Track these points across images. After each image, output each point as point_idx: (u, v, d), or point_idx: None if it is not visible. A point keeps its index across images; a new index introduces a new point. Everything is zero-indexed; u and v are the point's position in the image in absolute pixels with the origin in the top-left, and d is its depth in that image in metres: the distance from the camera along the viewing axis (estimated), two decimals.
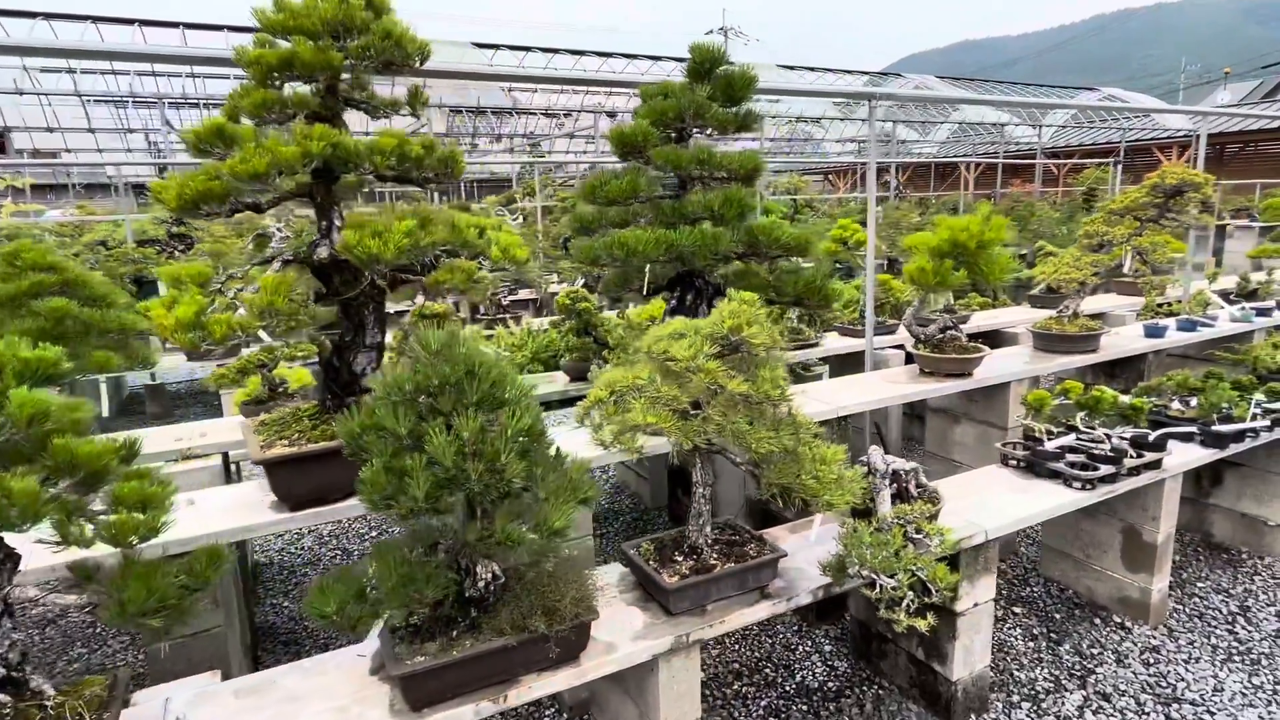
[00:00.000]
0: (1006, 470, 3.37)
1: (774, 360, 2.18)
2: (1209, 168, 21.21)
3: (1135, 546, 3.52)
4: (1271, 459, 4.04)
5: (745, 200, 2.76)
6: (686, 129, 3.04)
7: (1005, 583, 3.96)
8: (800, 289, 2.97)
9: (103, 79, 14.87)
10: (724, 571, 2.26)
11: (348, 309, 2.60)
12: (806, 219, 13.33)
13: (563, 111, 20.54)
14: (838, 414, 3.45)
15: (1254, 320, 5.20)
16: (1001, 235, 3.61)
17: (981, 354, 3.89)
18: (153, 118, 14.79)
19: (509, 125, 23.28)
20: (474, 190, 23.88)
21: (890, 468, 2.52)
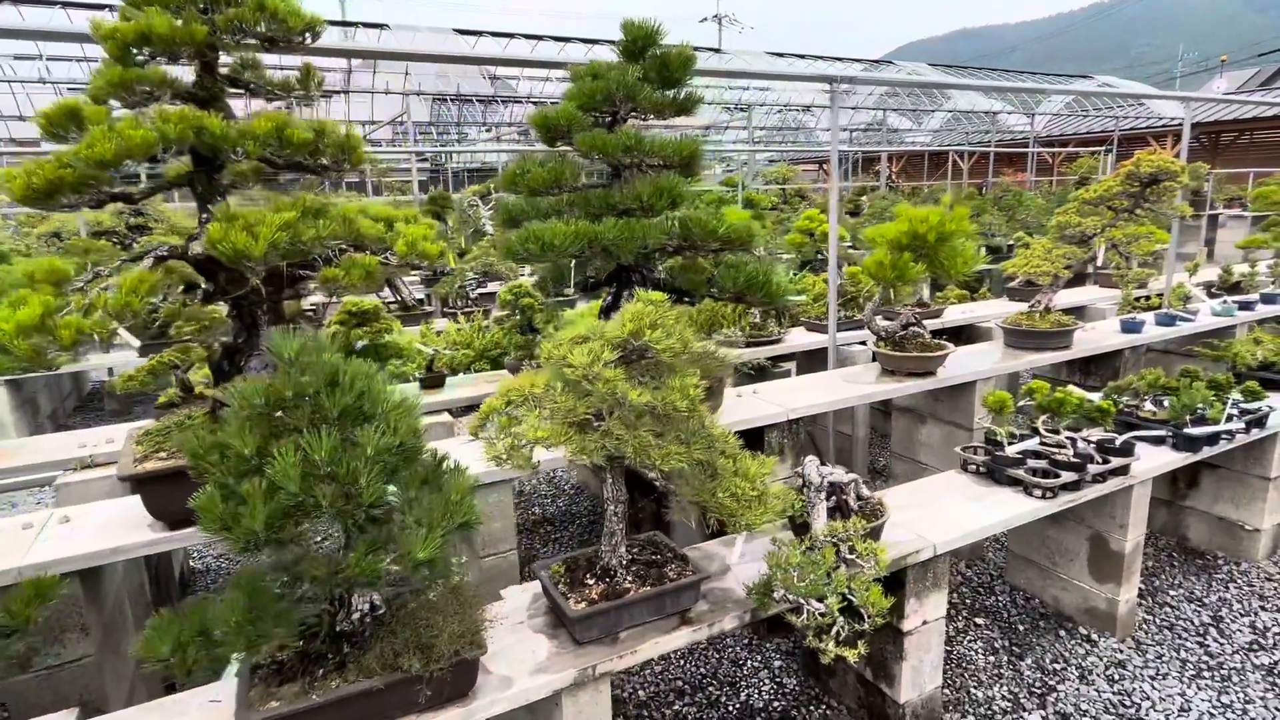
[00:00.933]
0: (965, 476, 3.18)
1: (686, 367, 1.98)
2: (1203, 156, 21.09)
3: (1102, 555, 3.34)
4: (1249, 461, 3.86)
5: (677, 189, 2.55)
6: (619, 113, 2.83)
7: (970, 590, 3.78)
8: (741, 284, 2.77)
9: (77, 66, 14.59)
10: (638, 596, 2.07)
11: (239, 308, 2.39)
12: (796, 208, 13.10)
13: (549, 100, 20.25)
14: (789, 416, 3.26)
15: (1236, 314, 5.01)
16: (964, 227, 3.41)
17: (945, 351, 3.69)
18: None
19: (497, 114, 22.97)
20: (464, 179, 23.57)
21: (826, 480, 2.33)
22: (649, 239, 2.50)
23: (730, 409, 3.26)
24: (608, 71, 2.65)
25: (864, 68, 23.67)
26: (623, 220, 2.48)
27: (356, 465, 1.56)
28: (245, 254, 1.88)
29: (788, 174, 18.27)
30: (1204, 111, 26.85)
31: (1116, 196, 3.99)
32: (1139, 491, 3.20)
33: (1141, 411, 3.53)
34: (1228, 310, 4.99)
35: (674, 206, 2.59)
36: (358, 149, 2.33)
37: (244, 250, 1.87)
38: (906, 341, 3.71)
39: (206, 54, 2.05)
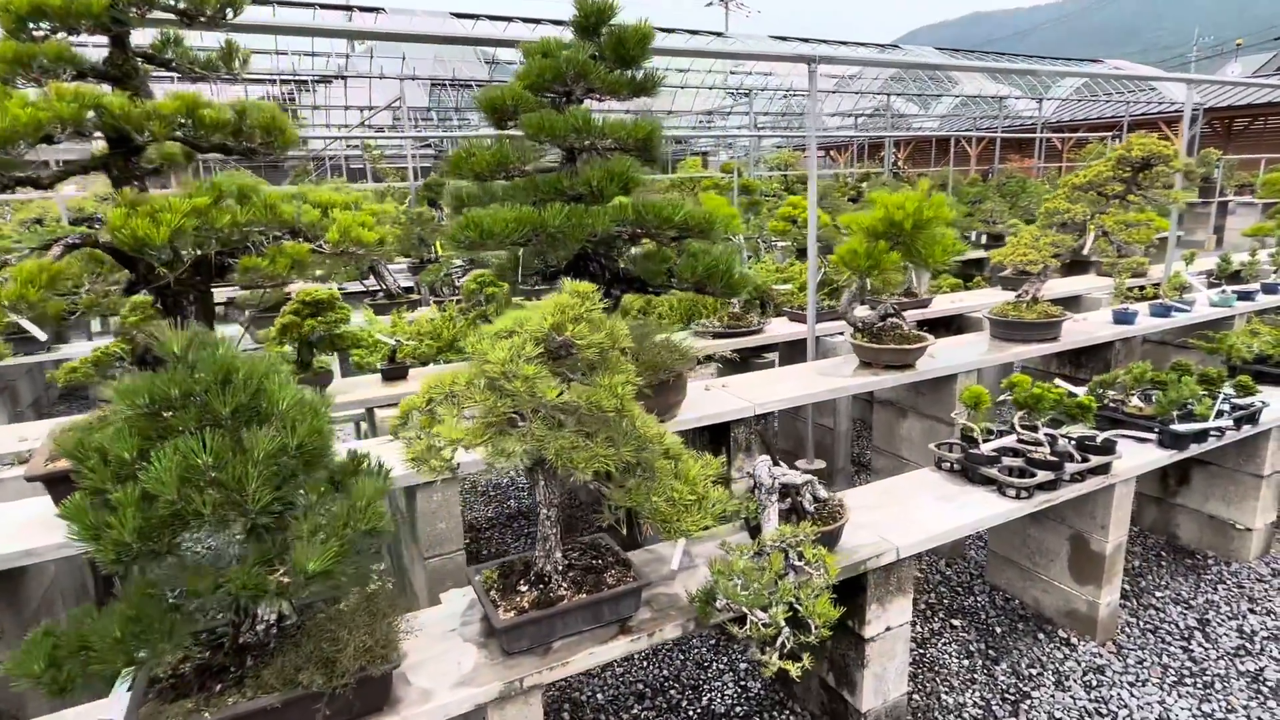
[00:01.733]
0: (939, 474, 3.05)
1: (618, 362, 1.85)
2: (1216, 142, 20.71)
3: (1083, 556, 3.21)
4: (1241, 458, 3.71)
5: (629, 174, 2.42)
6: (574, 93, 2.69)
7: (949, 590, 3.66)
8: (700, 274, 2.64)
9: None
10: (572, 605, 1.96)
11: (163, 298, 2.28)
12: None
13: None
14: (755, 411, 3.13)
15: (1234, 304, 4.84)
16: (942, 214, 3.27)
17: (924, 343, 3.55)
18: None
19: None
20: None
21: (778, 481, 2.21)
22: (597, 226, 2.37)
23: (696, 403, 3.13)
24: (558, 49, 2.51)
25: (876, 51, 23.31)
26: (568, 206, 2.35)
27: (244, 470, 1.45)
28: (146, 242, 1.76)
29: (789, 159, 18.03)
30: (1216, 96, 26.38)
31: (1107, 182, 3.83)
32: (1121, 491, 3.07)
33: (1127, 407, 3.39)
34: (1226, 300, 4.82)
35: (626, 192, 2.45)
36: (286, 131, 2.21)
37: (145, 238, 1.76)
38: (884, 333, 3.58)
39: (112, 28, 1.93)
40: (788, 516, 2.30)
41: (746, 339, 4.41)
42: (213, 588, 1.43)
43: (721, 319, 4.49)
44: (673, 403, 2.88)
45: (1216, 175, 16.10)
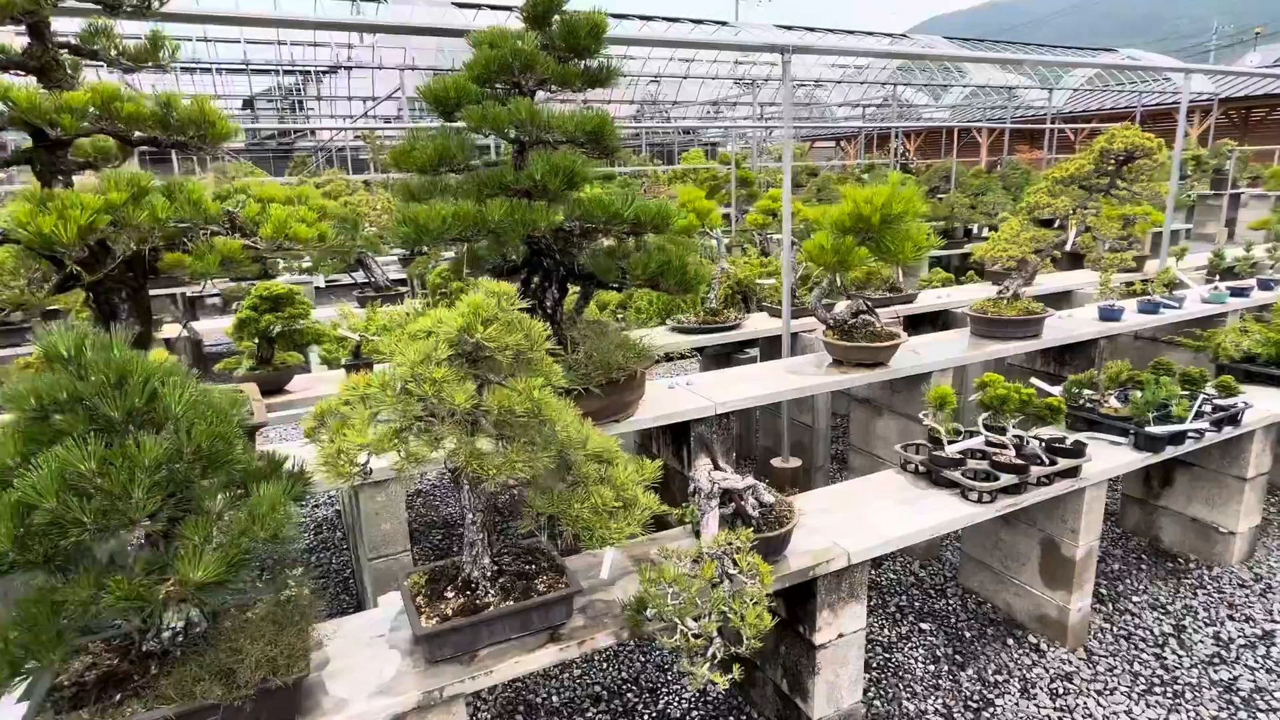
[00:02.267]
0: (904, 476, 2.98)
1: (542, 365, 1.79)
2: (1232, 133, 20.29)
3: (1054, 561, 3.13)
4: (1225, 460, 3.62)
5: (575, 168, 2.35)
6: (524, 85, 2.62)
7: (920, 593, 3.59)
8: (652, 270, 2.57)
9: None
10: (498, 612, 1.91)
11: (95, 295, 2.23)
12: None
13: None
14: (716, 410, 3.06)
15: (1227, 301, 4.72)
16: (914, 208, 3.18)
17: (896, 341, 3.47)
18: None
19: None
20: None
21: (719, 486, 2.14)
22: (540, 222, 2.30)
23: (654, 402, 3.07)
24: (503, 40, 2.44)
25: (890, 42, 23.03)
26: (510, 202, 2.29)
27: (129, 476, 1.40)
28: (54, 240, 1.71)
29: (797, 151, 17.81)
30: (1233, 86, 25.92)
31: (1089, 175, 3.72)
32: (1092, 495, 2.98)
33: (1103, 407, 3.30)
34: (1218, 297, 4.69)
35: (573, 186, 2.38)
36: (217, 124, 2.15)
37: (52, 236, 1.71)
38: (855, 330, 3.50)
39: (24, 18, 1.88)
40: (732, 522, 2.24)
41: (723, 335, 4.34)
42: (88, 599, 1.39)
43: (698, 315, 4.42)
44: (628, 402, 2.82)
45: (1229, 167, 15.80)
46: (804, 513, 2.65)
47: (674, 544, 2.20)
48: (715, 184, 11.06)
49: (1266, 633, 3.22)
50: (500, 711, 2.89)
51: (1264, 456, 3.59)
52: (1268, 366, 3.89)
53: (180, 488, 1.50)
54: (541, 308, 2.78)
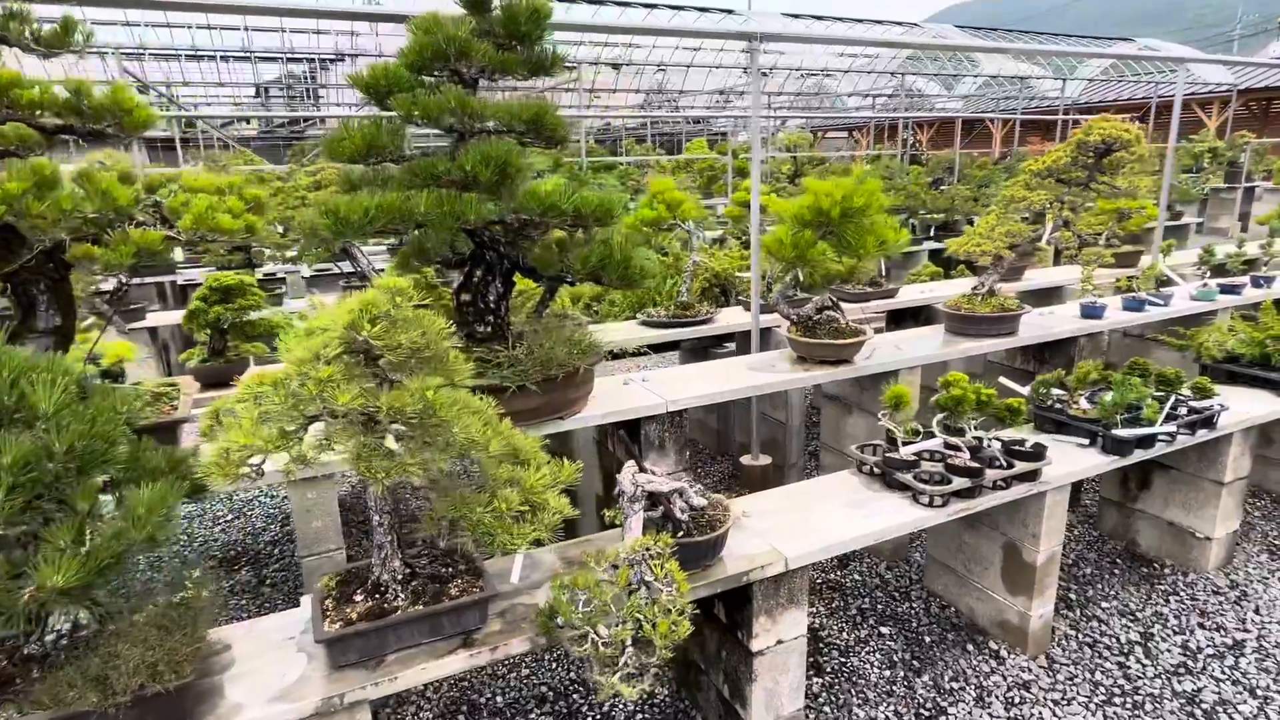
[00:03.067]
0: (858, 478, 2.90)
1: (446, 363, 1.73)
2: (1251, 125, 19.81)
3: (1015, 566, 3.05)
4: (1202, 463, 3.51)
5: (507, 158, 2.28)
6: (465, 73, 2.55)
7: (884, 595, 3.52)
8: (593, 264, 2.50)
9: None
10: (406, 617, 1.86)
11: (12, 287, 2.19)
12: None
13: None
14: (669, 407, 2.99)
15: (1217, 299, 4.58)
16: (877, 201, 3.08)
17: (862, 338, 3.38)
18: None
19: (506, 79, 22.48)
20: None
21: (643, 489, 2.07)
22: (470, 215, 2.23)
23: (605, 399, 3.00)
24: (438, 26, 2.36)
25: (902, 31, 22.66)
26: (435, 193, 2.22)
27: None
28: None
29: (800, 141, 17.62)
30: (1254, 76, 25.40)
31: (1067, 168, 3.60)
32: (1053, 499, 2.89)
33: (1072, 408, 3.20)
34: (1206, 294, 4.55)
35: (506, 178, 2.31)
36: (134, 111, 2.10)
37: None
38: (818, 327, 3.41)
39: None
40: (662, 526, 2.18)
41: (694, 330, 4.26)
42: None
43: (668, 309, 4.34)
44: (573, 399, 2.75)
45: (1243, 160, 15.46)
46: (748, 515, 2.59)
47: (611, 547, 2.14)
48: (714, 174, 10.94)
49: (1236, 642, 3.13)
50: (443, 711, 2.85)
51: (1242, 460, 3.48)
52: (1251, 367, 3.77)
53: (51, 489, 1.45)
54: (483, 302, 2.72)
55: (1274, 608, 3.34)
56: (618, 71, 24.49)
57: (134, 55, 15.77)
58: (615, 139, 23.70)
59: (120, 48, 11.86)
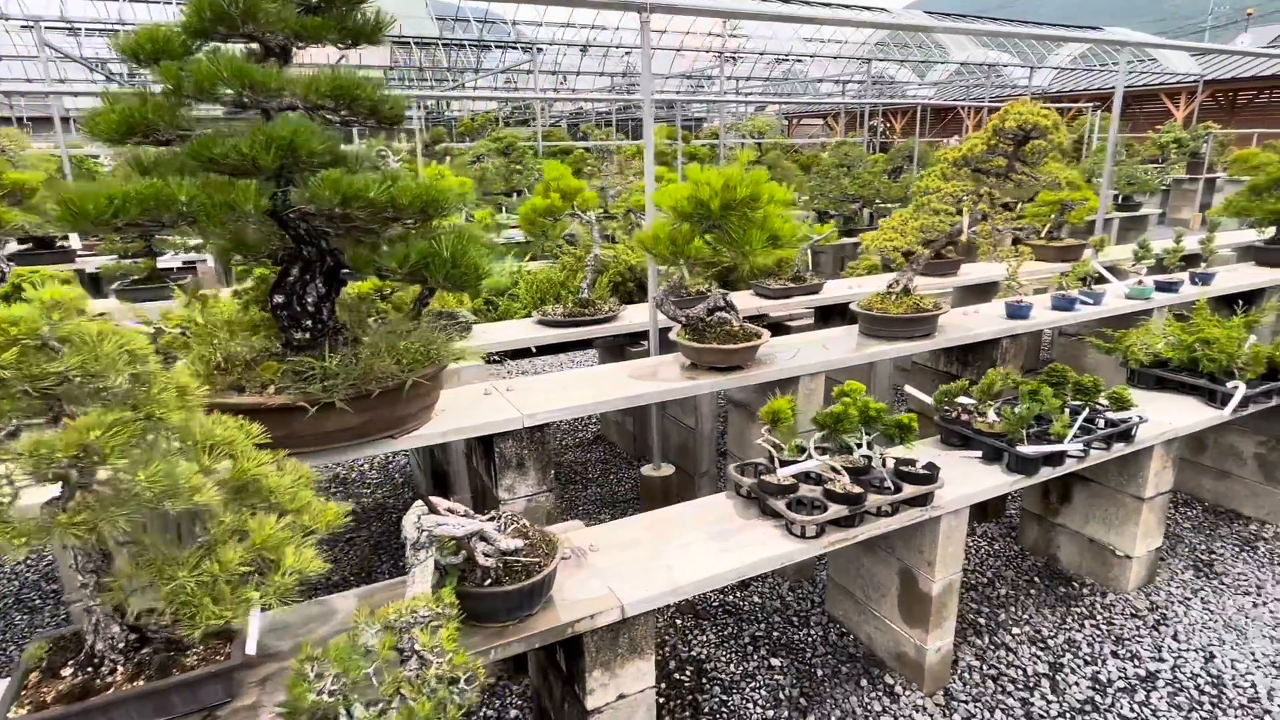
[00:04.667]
0: (734, 502, 2.61)
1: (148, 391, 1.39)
2: (1219, 116, 19.76)
3: (911, 595, 2.78)
4: (1123, 477, 3.26)
5: (298, 139, 1.94)
6: (262, 39, 2.20)
7: (782, 620, 3.24)
8: (414, 262, 2.17)
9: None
10: (117, 696, 1.53)
11: None
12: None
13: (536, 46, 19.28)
14: (526, 422, 2.67)
15: (1152, 296, 4.34)
16: (767, 192, 2.77)
17: (754, 343, 3.08)
18: None
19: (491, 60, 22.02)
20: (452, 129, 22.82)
21: (429, 534, 1.75)
22: (245, 205, 1.89)
23: (457, 412, 2.68)
24: None
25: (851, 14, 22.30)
26: (200, 180, 1.87)
27: None
28: None
29: (764, 127, 17.28)
30: (1222, 67, 25.50)
31: (984, 157, 3.31)
32: (949, 524, 2.62)
33: (978, 421, 2.92)
34: (1140, 292, 4.31)
35: (295, 162, 1.97)
36: None
37: None
38: (708, 330, 3.10)
39: None
40: (465, 576, 1.86)
41: (593, 329, 3.93)
42: None
43: (567, 307, 4.01)
44: (404, 416, 2.42)
45: (1205, 150, 15.39)
46: (595, 549, 2.28)
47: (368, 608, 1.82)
48: (664, 159, 10.58)
49: (1149, 674, 2.89)
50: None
51: (1164, 475, 3.23)
52: (1179, 373, 3.53)
53: None
54: (300, 304, 2.37)
55: (1193, 633, 3.11)
56: (584, 54, 24.00)
57: (56, 27, 15.02)
58: (583, 124, 23.22)
59: (40, 19, 11.21)
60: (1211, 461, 4.18)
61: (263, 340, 2.48)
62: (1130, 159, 13.20)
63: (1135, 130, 21.26)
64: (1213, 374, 3.39)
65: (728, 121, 18.21)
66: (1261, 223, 5.24)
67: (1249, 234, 6.02)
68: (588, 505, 4.31)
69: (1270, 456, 3.91)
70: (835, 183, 9.56)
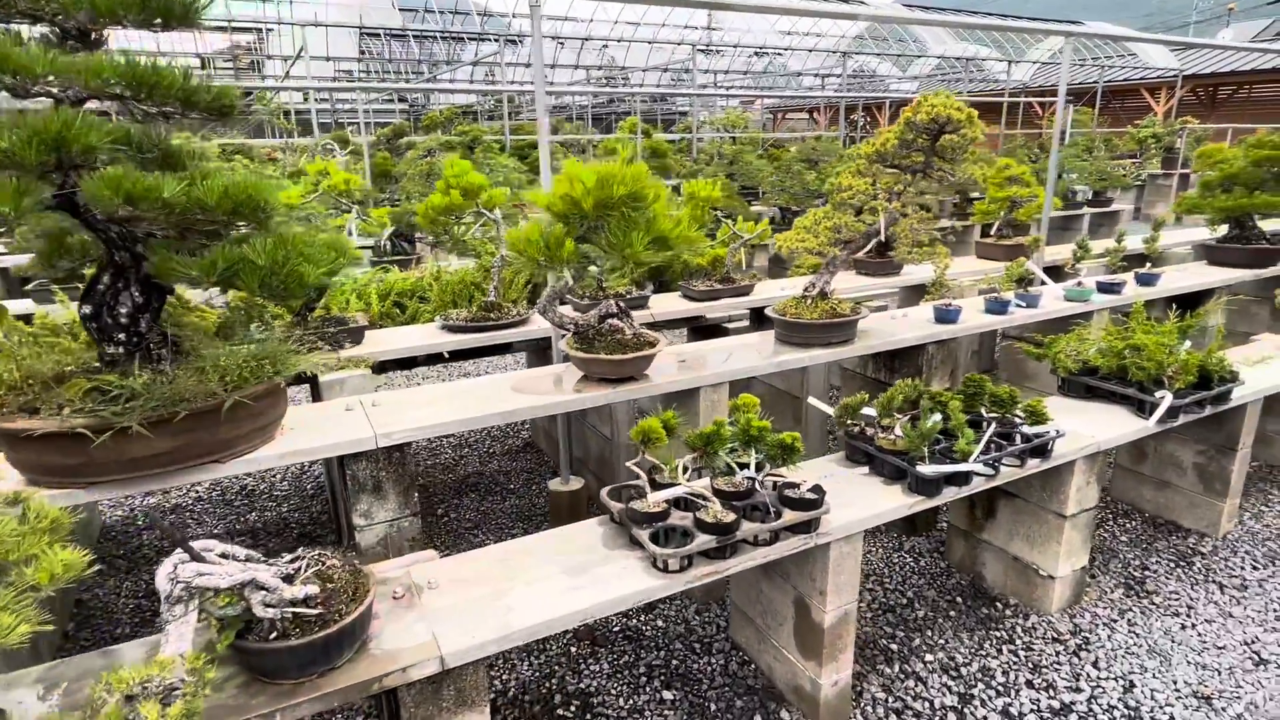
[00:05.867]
0: (604, 529, 2.40)
1: None
2: (1198, 111, 19.65)
3: (805, 625, 2.58)
4: (1045, 492, 3.08)
5: (68, 133, 1.70)
6: (59, 21, 1.96)
7: (684, 647, 3.04)
8: (221, 270, 1.93)
9: None
10: None
11: None
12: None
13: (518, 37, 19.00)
14: (378, 442, 2.45)
15: (1092, 299, 4.16)
16: (649, 190, 2.55)
17: (648, 351, 2.87)
18: None
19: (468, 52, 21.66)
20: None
21: (187, 586, 1.53)
22: (2, 206, 1.66)
23: (310, 431, 2.45)
24: None
25: None
26: None
27: None
28: None
29: (738, 121, 17.03)
30: (1202, 62, 25.48)
31: (897, 152, 3.10)
32: (840, 551, 2.42)
33: (880, 438, 2.72)
34: (1079, 294, 4.12)
35: (68, 159, 1.74)
36: None
37: None
38: (599, 338, 2.89)
39: None
40: (247, 631, 1.64)
41: (498, 334, 3.71)
42: None
43: (470, 310, 3.79)
44: (230, 439, 2.19)
45: (1179, 145, 15.27)
46: (433, 586, 2.06)
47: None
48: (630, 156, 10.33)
49: (1064, 705, 2.71)
50: None
51: (1087, 491, 3.05)
52: (1109, 381, 3.34)
53: None
54: (112, 315, 2.14)
55: (1115, 659, 2.93)
56: (561, 47, 23.68)
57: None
58: (554, 119, 22.92)
59: None
60: (1152, 471, 4.00)
61: (88, 356, 2.26)
62: (1104, 155, 13.05)
63: (1115, 125, 21.17)
64: (1141, 383, 3.20)
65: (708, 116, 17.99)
66: (1214, 221, 5.07)
67: (1204, 232, 5.86)
68: (502, 519, 4.10)
69: (1209, 467, 3.74)
70: (798, 178, 9.34)
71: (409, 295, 4.20)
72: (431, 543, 3.73)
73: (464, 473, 4.68)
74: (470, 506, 4.24)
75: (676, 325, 5.15)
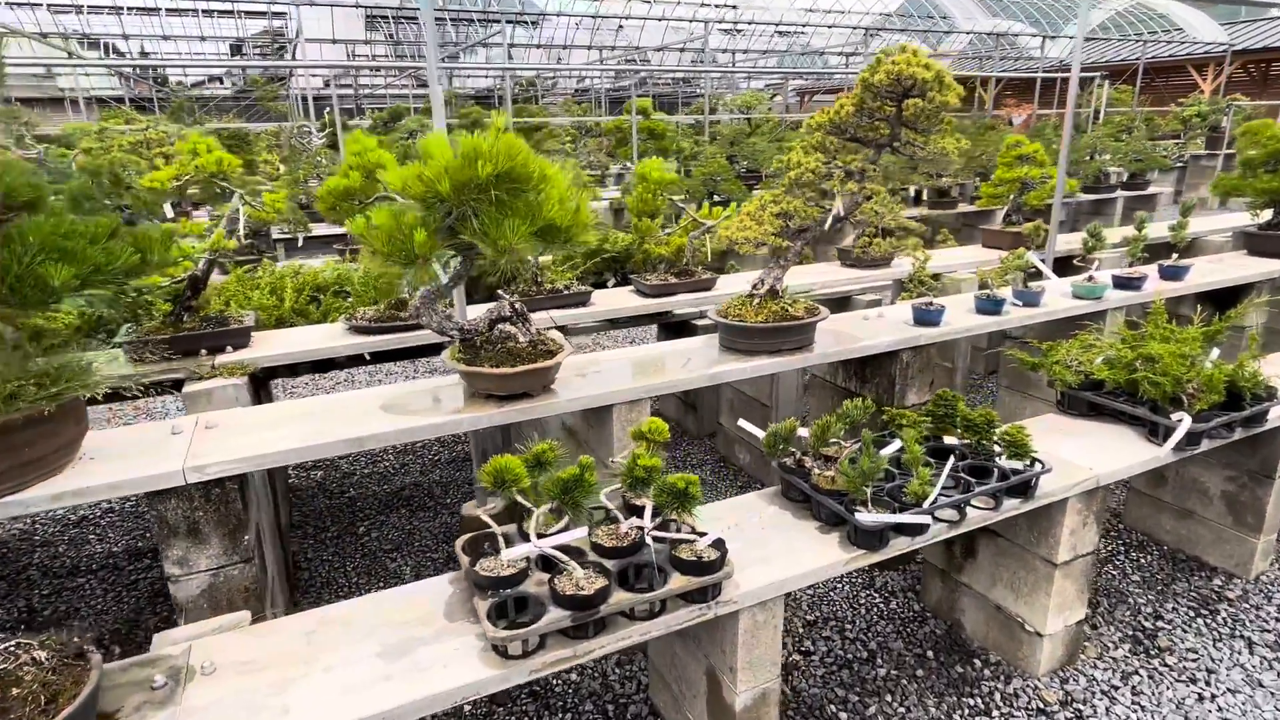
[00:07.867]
0: (456, 588, 1.94)
1: None
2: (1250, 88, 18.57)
3: (717, 703, 2.11)
4: (1033, 534, 2.55)
5: None
6: None
7: (596, 709, 2.58)
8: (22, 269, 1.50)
9: None
10: None
11: None
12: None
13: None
14: (190, 477, 2.01)
15: (1105, 295, 3.57)
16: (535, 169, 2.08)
17: (546, 363, 2.39)
18: None
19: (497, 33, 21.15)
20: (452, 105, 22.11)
21: None
22: None
23: (112, 461, 2.03)
24: None
25: None
26: None
27: None
28: None
29: (753, 102, 16.33)
30: (1252, 36, 24.07)
31: (858, 122, 2.56)
32: (754, 620, 1.93)
33: (818, 474, 2.22)
34: (1090, 290, 3.53)
35: None
36: None
37: None
38: (487, 346, 2.42)
39: None
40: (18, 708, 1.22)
41: (407, 335, 3.25)
42: None
43: (379, 310, 3.34)
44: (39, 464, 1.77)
45: (1225, 124, 14.24)
46: (208, 671, 1.63)
47: None
48: (622, 135, 9.83)
49: None
50: None
51: (1084, 533, 2.51)
52: (1116, 398, 2.79)
53: None
54: None
55: None
56: (577, 26, 23.10)
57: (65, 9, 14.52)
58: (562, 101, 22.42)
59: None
60: (1172, 498, 3.43)
61: None
62: (1143, 134, 12.16)
63: (1158, 105, 19.99)
64: (1154, 402, 2.65)
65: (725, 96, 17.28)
66: (1255, 204, 4.42)
67: (1247, 217, 5.19)
68: (426, 541, 3.67)
69: (1241, 496, 3.17)
70: None
71: (329, 290, 3.77)
72: (326, 579, 3.32)
73: (400, 484, 4.27)
74: (396, 524, 3.82)
75: (644, 322, 4.67)
